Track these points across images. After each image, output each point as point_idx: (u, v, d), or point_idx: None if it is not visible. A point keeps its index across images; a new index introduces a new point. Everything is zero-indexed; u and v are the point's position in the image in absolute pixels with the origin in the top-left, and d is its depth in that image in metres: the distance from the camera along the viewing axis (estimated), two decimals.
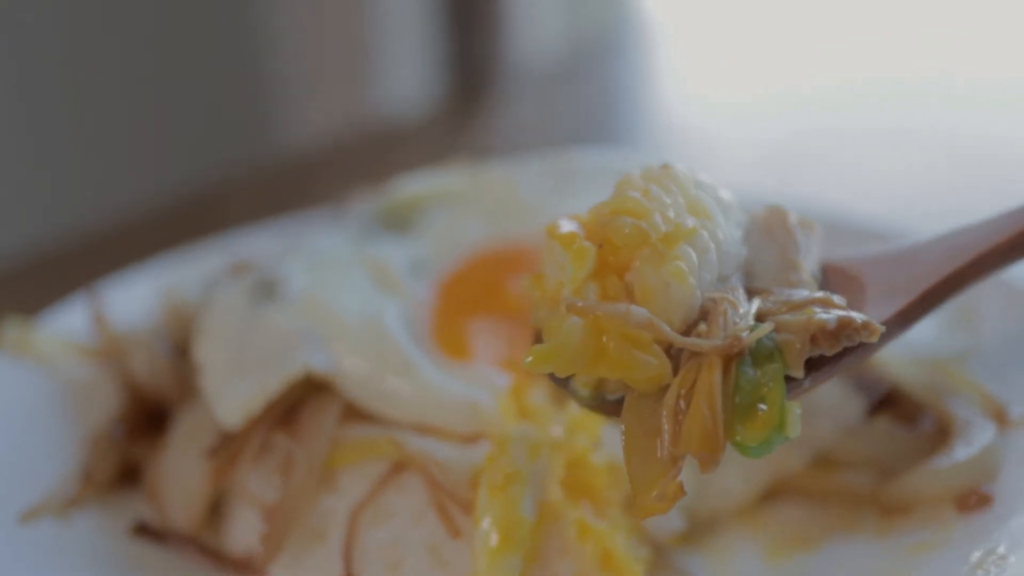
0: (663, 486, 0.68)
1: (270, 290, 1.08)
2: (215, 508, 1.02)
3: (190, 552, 0.98)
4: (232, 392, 0.99)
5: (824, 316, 0.72)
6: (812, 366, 0.73)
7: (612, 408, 0.75)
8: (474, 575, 0.86)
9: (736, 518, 0.97)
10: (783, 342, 0.71)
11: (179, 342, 1.13)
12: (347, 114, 2.61)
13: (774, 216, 0.84)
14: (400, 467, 0.93)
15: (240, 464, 0.98)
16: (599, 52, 2.82)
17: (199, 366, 1.04)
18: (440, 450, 0.93)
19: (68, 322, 1.21)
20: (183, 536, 0.99)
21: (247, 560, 0.96)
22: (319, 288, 1.06)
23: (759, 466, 0.97)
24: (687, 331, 0.72)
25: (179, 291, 1.19)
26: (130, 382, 1.11)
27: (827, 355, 0.73)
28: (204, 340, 1.07)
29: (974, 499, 0.88)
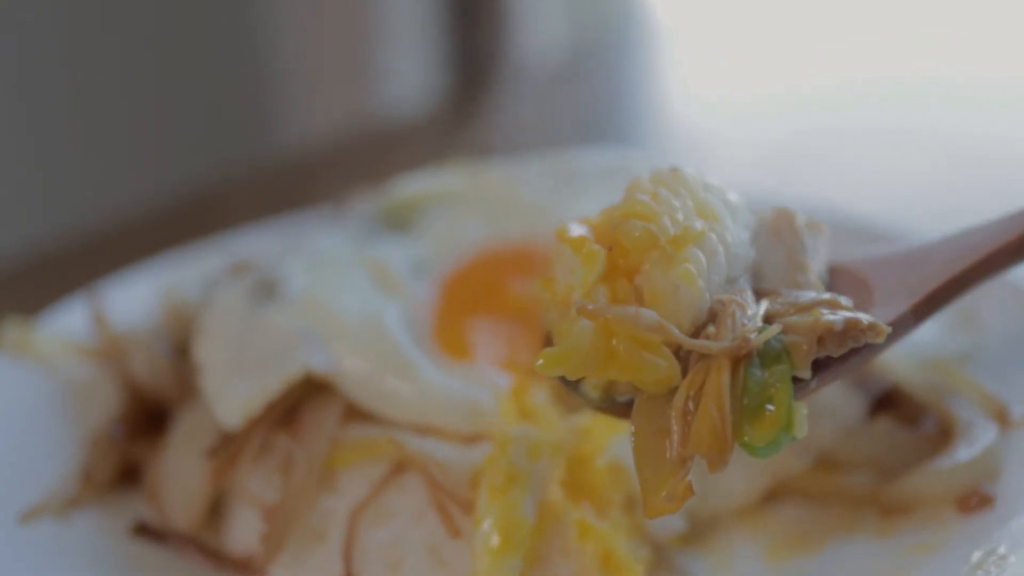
0: (672, 486, 0.69)
1: (270, 290, 1.08)
2: (215, 508, 1.02)
3: (190, 552, 0.98)
4: (232, 392, 0.98)
5: (831, 318, 0.73)
6: (819, 367, 0.73)
7: (622, 410, 0.76)
8: None
9: (737, 519, 0.97)
10: (790, 343, 0.72)
11: (179, 342, 1.13)
12: (347, 114, 2.61)
13: (782, 218, 0.85)
14: (400, 467, 0.93)
15: (240, 464, 0.98)
16: (600, 52, 2.81)
17: (199, 366, 1.04)
18: (440, 450, 0.93)
19: (68, 322, 1.20)
20: (183, 536, 0.99)
21: (247, 560, 0.96)
22: (319, 288, 1.06)
23: (760, 467, 0.97)
24: (696, 333, 0.73)
25: (179, 291, 1.19)
26: (130, 382, 1.11)
27: (834, 356, 0.73)
28: (204, 340, 1.07)
29: (975, 499, 0.88)
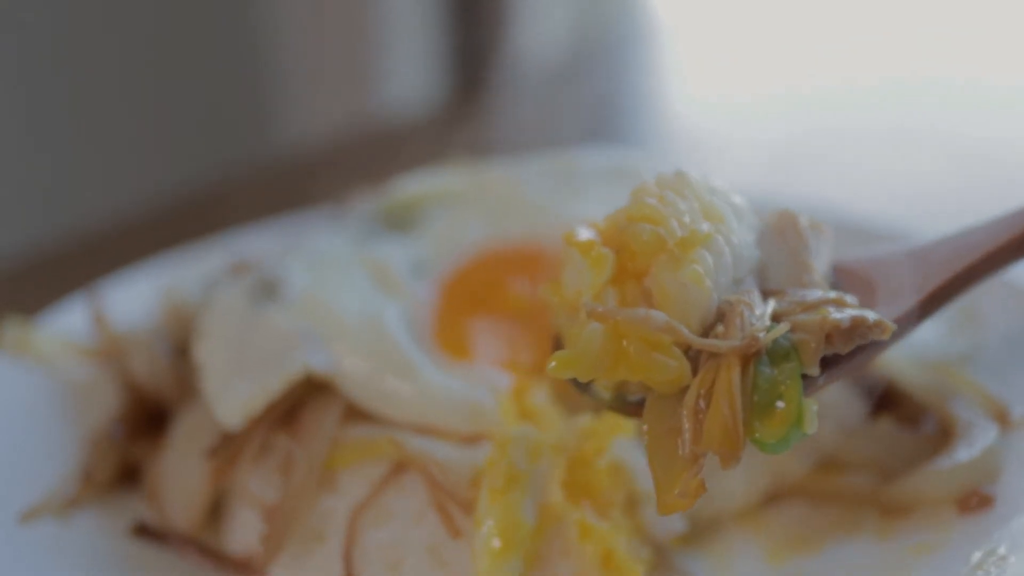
0: (685, 483, 0.70)
1: (270, 290, 1.08)
2: (215, 508, 1.02)
3: (190, 552, 0.98)
4: (232, 392, 0.98)
5: (838, 316, 0.74)
6: (826, 364, 0.74)
7: (633, 409, 0.77)
8: None
9: (737, 519, 0.97)
10: (799, 341, 0.73)
11: (179, 342, 1.13)
12: (347, 114, 2.61)
13: (785, 219, 0.86)
14: (400, 467, 0.93)
15: (240, 464, 0.98)
16: (600, 52, 2.81)
17: (199, 366, 1.04)
18: (440, 450, 0.93)
19: (68, 322, 1.20)
20: (183, 536, 0.99)
21: (247, 560, 0.96)
22: (319, 288, 1.06)
23: (761, 468, 0.97)
24: (704, 333, 0.74)
25: (179, 291, 1.19)
26: (130, 382, 1.10)
27: (841, 353, 0.74)
28: (204, 340, 1.06)
29: (975, 500, 0.88)
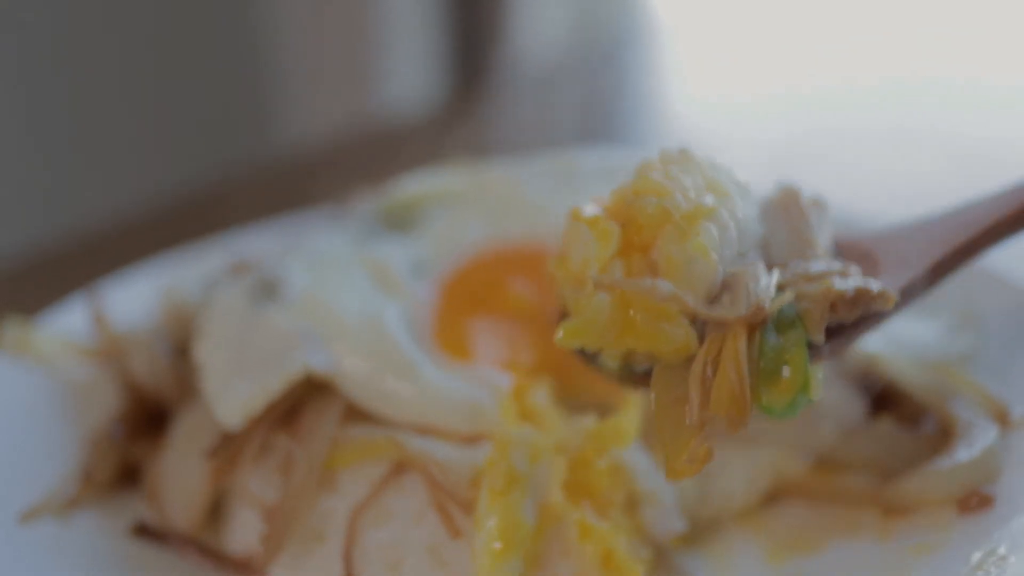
0: (693, 449, 0.71)
1: (270, 290, 1.08)
2: (215, 508, 1.02)
3: (190, 552, 0.98)
4: (232, 392, 0.98)
5: (842, 285, 0.75)
6: (830, 334, 0.75)
7: (640, 379, 0.78)
8: None
9: (737, 519, 0.97)
10: (803, 310, 0.74)
11: (179, 342, 1.13)
12: (348, 114, 2.61)
13: (787, 196, 0.87)
14: (400, 467, 0.93)
15: (240, 464, 0.98)
16: (600, 52, 2.81)
17: (199, 366, 1.04)
18: (440, 450, 0.93)
19: (68, 322, 1.20)
20: (183, 536, 0.99)
21: (247, 560, 0.96)
22: (319, 288, 1.06)
23: (761, 468, 0.97)
24: (710, 304, 0.75)
25: (179, 291, 1.19)
26: (130, 382, 1.10)
27: (845, 323, 0.76)
28: (204, 340, 1.06)
29: (975, 500, 0.88)
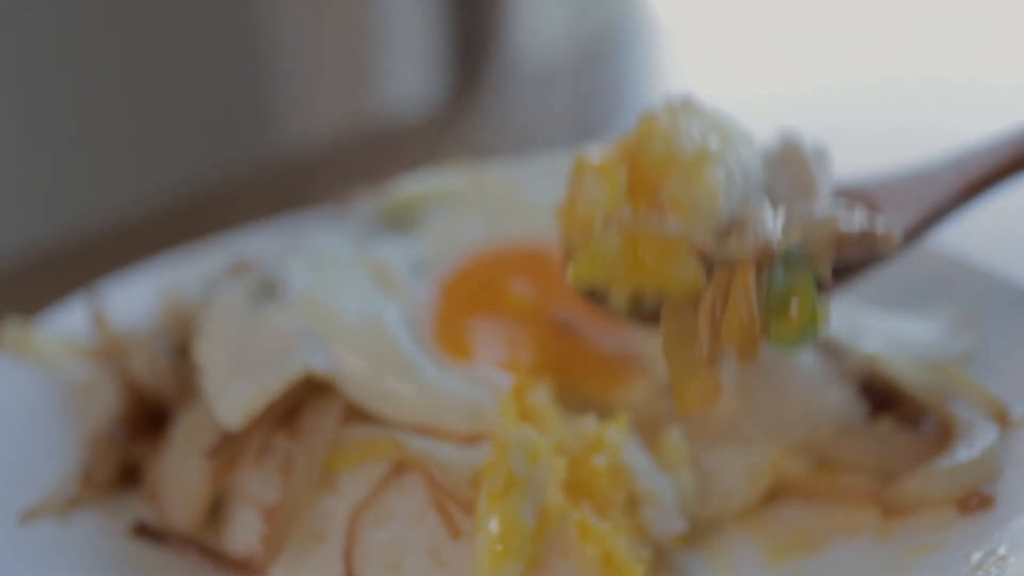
0: (704, 382, 0.72)
1: (270, 290, 1.08)
2: (215, 508, 1.01)
3: (190, 552, 0.98)
4: (232, 392, 0.98)
5: (848, 224, 0.77)
6: (835, 275, 0.77)
7: (649, 318, 0.79)
8: None
9: (737, 519, 0.97)
10: (810, 248, 0.75)
11: (179, 342, 1.13)
12: (347, 114, 2.61)
13: (789, 146, 0.89)
14: (400, 468, 0.93)
15: (240, 464, 0.98)
16: (600, 51, 2.81)
17: (199, 366, 1.04)
18: (441, 450, 0.92)
19: (68, 322, 1.20)
20: (183, 536, 0.99)
21: (247, 561, 0.96)
22: (319, 288, 1.06)
23: (761, 468, 0.97)
24: (718, 243, 0.76)
25: (179, 291, 1.19)
26: (130, 382, 1.10)
27: (850, 262, 0.77)
28: (204, 340, 1.06)
29: (975, 500, 0.88)
